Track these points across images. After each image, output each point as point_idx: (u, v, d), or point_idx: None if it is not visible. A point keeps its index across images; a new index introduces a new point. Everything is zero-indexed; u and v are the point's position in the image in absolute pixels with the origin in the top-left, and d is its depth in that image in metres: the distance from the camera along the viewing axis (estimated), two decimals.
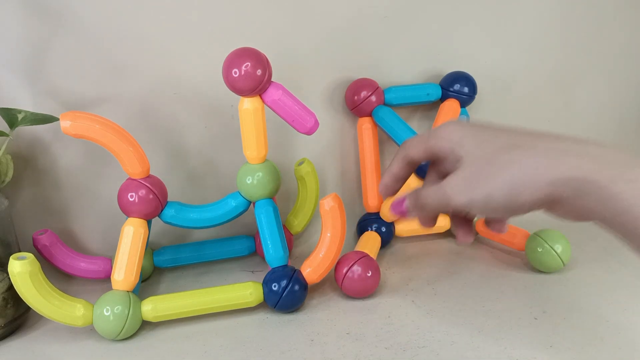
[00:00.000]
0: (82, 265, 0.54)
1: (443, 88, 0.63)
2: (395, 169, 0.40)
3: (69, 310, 0.44)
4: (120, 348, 0.45)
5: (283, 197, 0.64)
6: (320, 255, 0.49)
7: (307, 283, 0.49)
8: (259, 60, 0.45)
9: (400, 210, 0.39)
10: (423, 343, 0.43)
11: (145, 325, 0.48)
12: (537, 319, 0.46)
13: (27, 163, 0.56)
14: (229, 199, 0.50)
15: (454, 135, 0.35)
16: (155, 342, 0.46)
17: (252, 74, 0.45)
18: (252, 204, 0.51)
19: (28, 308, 0.49)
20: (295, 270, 0.49)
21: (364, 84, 0.61)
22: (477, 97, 0.64)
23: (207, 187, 0.61)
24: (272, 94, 0.47)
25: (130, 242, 0.47)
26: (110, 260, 0.55)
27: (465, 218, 0.40)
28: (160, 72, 0.57)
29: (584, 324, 0.45)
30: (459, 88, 0.62)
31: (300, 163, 0.59)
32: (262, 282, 0.49)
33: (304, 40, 0.60)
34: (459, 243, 0.61)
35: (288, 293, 0.47)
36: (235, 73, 0.45)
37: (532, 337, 0.43)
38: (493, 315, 0.47)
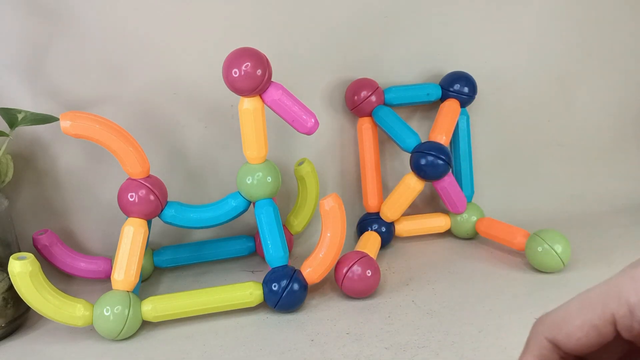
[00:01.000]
0: (82, 265, 0.54)
1: (443, 88, 0.63)
2: None
3: (69, 310, 0.44)
4: (120, 348, 0.45)
5: (283, 197, 0.64)
6: (320, 255, 0.49)
7: (307, 283, 0.49)
8: (259, 60, 0.45)
9: None
10: (423, 343, 0.43)
11: (145, 325, 0.48)
12: (537, 319, 0.46)
13: (27, 163, 0.56)
14: (229, 199, 0.50)
15: None
16: (155, 342, 0.46)
17: (252, 74, 0.45)
18: (252, 204, 0.51)
19: (28, 308, 0.49)
20: (295, 270, 0.49)
21: (364, 84, 0.61)
22: (477, 97, 0.64)
23: (207, 187, 0.61)
24: (272, 94, 0.47)
25: (130, 242, 0.47)
26: (110, 260, 0.55)
27: None
28: (160, 72, 0.57)
29: None
30: (459, 88, 0.62)
31: (300, 163, 0.59)
32: (262, 282, 0.49)
33: (304, 40, 0.60)
34: None
35: (288, 293, 0.47)
36: (235, 73, 0.45)
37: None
38: (493, 315, 0.46)
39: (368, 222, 0.61)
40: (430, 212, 0.66)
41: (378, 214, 0.61)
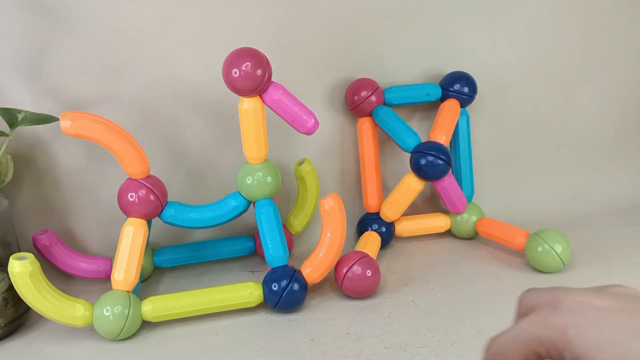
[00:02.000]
0: (82, 265, 0.54)
1: (443, 88, 0.63)
2: None
3: (69, 310, 0.44)
4: (120, 348, 0.45)
5: (283, 197, 0.64)
6: (320, 255, 0.49)
7: (307, 283, 0.49)
8: (259, 60, 0.45)
9: None
10: (423, 343, 0.43)
11: (145, 325, 0.48)
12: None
13: (27, 163, 0.56)
14: (229, 199, 0.50)
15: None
16: (155, 342, 0.46)
17: (252, 74, 0.45)
18: (252, 204, 0.51)
19: (28, 308, 0.49)
20: (295, 270, 0.49)
21: (364, 84, 0.61)
22: (477, 97, 0.64)
23: (207, 187, 0.61)
24: (272, 94, 0.47)
25: (130, 242, 0.47)
26: (110, 260, 0.55)
27: None
28: (160, 72, 0.57)
29: None
30: (459, 88, 0.62)
31: (300, 163, 0.59)
32: (262, 282, 0.49)
33: (304, 40, 0.60)
34: None
35: (288, 293, 0.47)
36: (235, 73, 0.45)
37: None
38: (493, 315, 0.46)
39: (368, 222, 0.61)
40: (430, 212, 0.66)
41: (378, 214, 0.61)
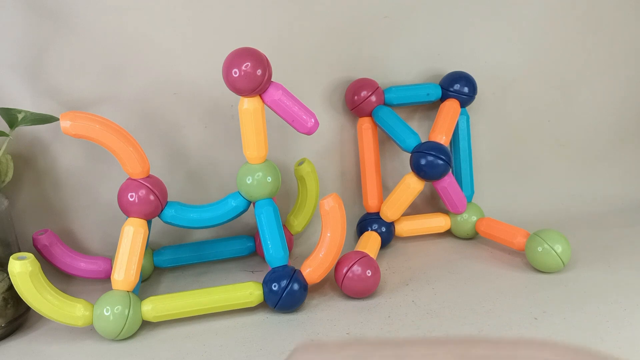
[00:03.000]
0: (82, 265, 0.54)
1: (443, 88, 0.63)
2: None
3: (69, 310, 0.44)
4: (120, 348, 0.45)
5: (283, 197, 0.64)
6: (320, 255, 0.49)
7: (307, 283, 0.49)
8: (259, 60, 0.45)
9: None
10: None
11: (145, 325, 0.48)
12: (537, 319, 0.46)
13: (27, 163, 0.56)
14: (229, 199, 0.50)
15: None
16: (155, 342, 0.46)
17: (252, 74, 0.45)
18: (252, 204, 0.51)
19: (28, 308, 0.49)
20: (295, 270, 0.49)
21: (364, 84, 0.61)
22: (477, 97, 0.64)
23: (207, 187, 0.61)
24: (272, 94, 0.47)
25: (130, 242, 0.47)
26: (110, 260, 0.55)
27: None
28: (160, 72, 0.57)
29: (584, 324, 0.45)
30: (459, 88, 0.62)
31: (300, 163, 0.59)
32: (262, 282, 0.49)
33: (304, 40, 0.60)
34: None
35: (288, 293, 0.47)
36: (235, 73, 0.45)
37: (532, 337, 0.43)
38: (493, 315, 0.46)
39: (368, 222, 0.61)
40: (430, 212, 0.66)
41: (378, 214, 0.61)
